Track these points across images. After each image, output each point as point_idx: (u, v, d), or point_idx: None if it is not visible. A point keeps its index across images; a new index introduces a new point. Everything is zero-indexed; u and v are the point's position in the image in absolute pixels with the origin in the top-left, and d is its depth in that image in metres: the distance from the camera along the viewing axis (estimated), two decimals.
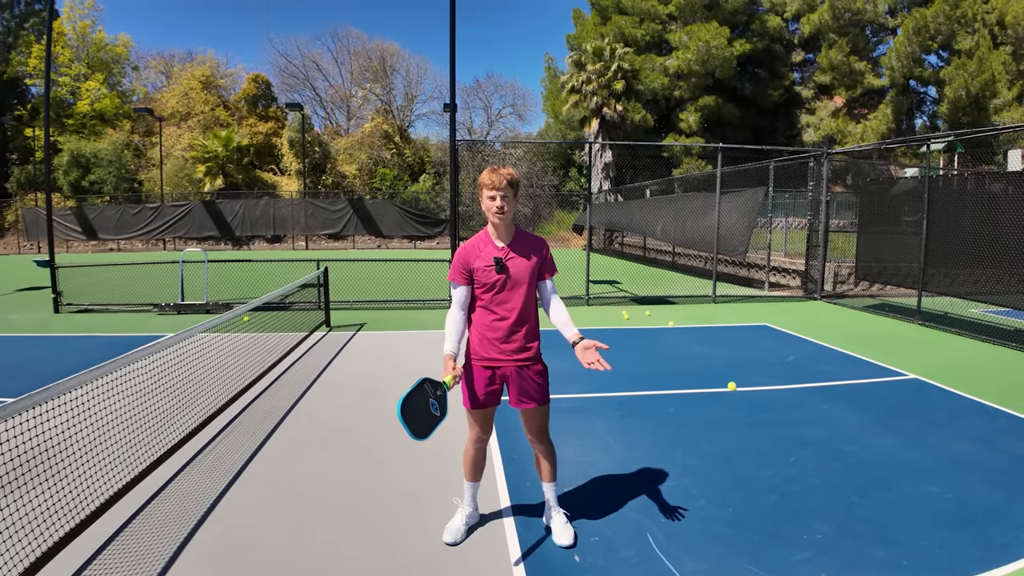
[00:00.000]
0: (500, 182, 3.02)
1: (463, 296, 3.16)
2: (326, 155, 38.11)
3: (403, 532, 3.39)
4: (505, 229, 3.12)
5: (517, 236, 3.18)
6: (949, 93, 30.08)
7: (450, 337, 3.10)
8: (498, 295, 3.12)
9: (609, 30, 35.36)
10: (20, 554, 2.82)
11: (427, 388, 2.84)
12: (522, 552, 3.21)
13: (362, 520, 3.54)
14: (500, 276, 3.09)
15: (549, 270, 3.22)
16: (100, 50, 40.06)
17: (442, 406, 2.88)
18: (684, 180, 23.05)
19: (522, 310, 3.13)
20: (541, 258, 3.18)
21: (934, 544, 3.25)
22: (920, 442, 4.71)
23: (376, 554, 3.20)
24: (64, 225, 31.90)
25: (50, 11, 11.47)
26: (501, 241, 3.14)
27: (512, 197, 3.07)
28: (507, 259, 3.10)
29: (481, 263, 3.10)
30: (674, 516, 3.57)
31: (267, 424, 5.11)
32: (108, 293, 12.33)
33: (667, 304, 12.24)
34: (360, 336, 8.86)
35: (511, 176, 3.07)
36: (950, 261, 9.43)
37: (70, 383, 3.01)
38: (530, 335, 3.18)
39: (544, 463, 3.32)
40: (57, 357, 7.62)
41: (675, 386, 6.22)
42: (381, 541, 3.32)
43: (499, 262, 3.08)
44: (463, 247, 3.19)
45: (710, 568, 3.06)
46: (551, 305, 3.22)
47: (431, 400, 2.84)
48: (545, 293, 3.24)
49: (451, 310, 3.18)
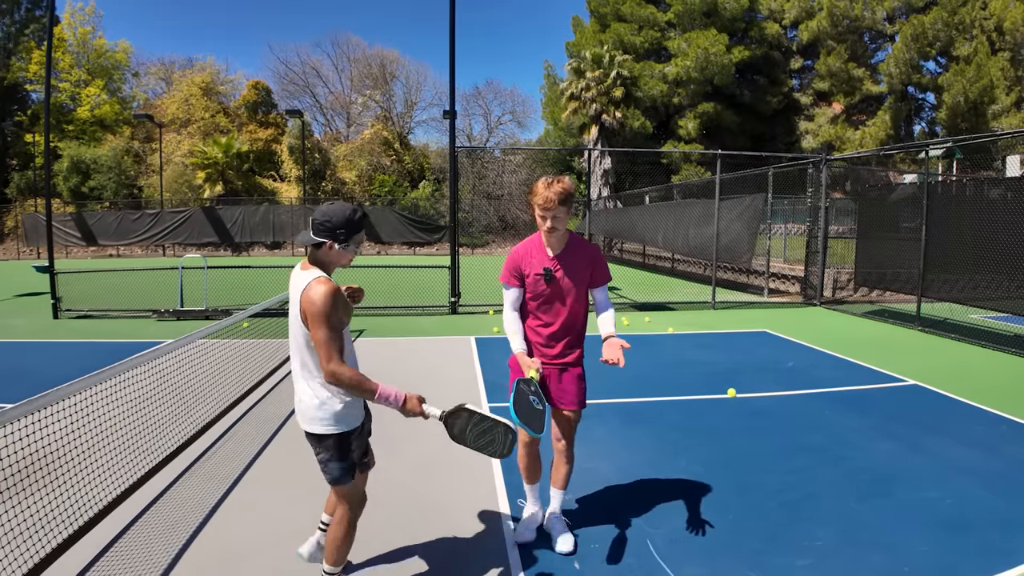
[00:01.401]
0: (551, 202, 2.94)
1: (515, 297, 3.18)
2: (326, 162, 38.17)
3: (403, 538, 3.38)
4: (557, 240, 3.11)
5: (569, 245, 3.15)
6: (947, 99, 30.18)
7: (515, 335, 3.13)
8: (544, 304, 3.15)
9: (608, 37, 35.49)
10: (18, 560, 2.81)
11: (523, 388, 2.89)
12: (522, 559, 3.20)
13: (361, 526, 3.52)
14: (548, 287, 3.11)
15: (601, 279, 3.22)
16: (100, 56, 40.15)
17: (541, 399, 2.92)
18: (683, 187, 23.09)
19: (568, 318, 3.17)
20: (592, 268, 3.18)
21: (934, 550, 3.24)
22: (920, 448, 4.71)
23: (376, 561, 3.18)
24: (64, 231, 31.88)
25: (51, 17, 11.52)
26: (552, 251, 3.13)
27: (564, 215, 3.01)
28: (556, 271, 3.10)
29: (531, 271, 3.11)
30: (674, 522, 3.56)
31: (266, 430, 5.10)
32: (107, 299, 12.31)
33: (666, 310, 12.25)
34: (360, 342, 8.86)
35: (563, 193, 2.96)
36: (949, 267, 9.44)
37: (69, 389, 3.01)
38: (574, 342, 3.22)
39: (562, 468, 3.30)
40: (56, 363, 7.61)
41: (675, 392, 6.22)
42: (381, 548, 3.30)
43: (548, 273, 3.09)
44: (516, 251, 3.20)
45: (711, 575, 3.05)
46: (601, 313, 3.23)
47: (531, 397, 2.89)
48: (597, 301, 3.26)
49: (506, 311, 3.20)
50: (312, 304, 2.43)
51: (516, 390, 2.85)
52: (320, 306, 2.42)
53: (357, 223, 2.59)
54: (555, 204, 2.95)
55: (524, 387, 2.88)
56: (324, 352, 2.43)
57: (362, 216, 2.64)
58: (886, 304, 12.53)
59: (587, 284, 3.20)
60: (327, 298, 2.42)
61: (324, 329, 2.42)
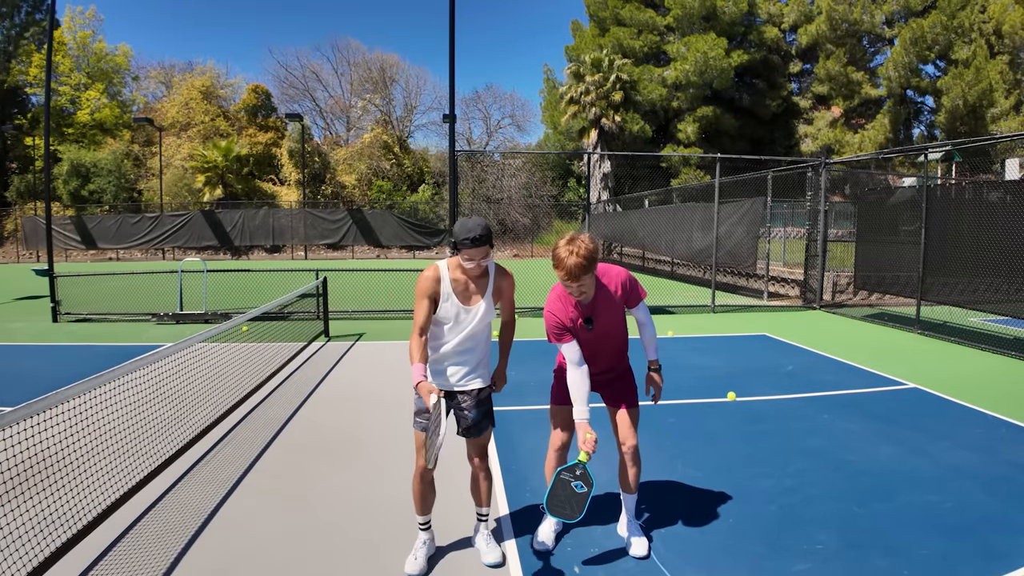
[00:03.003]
0: (577, 272, 2.85)
1: (576, 352, 3.08)
2: (325, 165, 38.20)
3: (403, 544, 3.36)
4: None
5: (598, 288, 3.10)
6: (946, 103, 30.25)
7: (579, 401, 3.02)
8: (590, 346, 3.18)
9: (607, 41, 35.56)
10: (16, 565, 2.80)
11: (564, 477, 2.89)
12: (521, 563, 3.19)
13: (361, 532, 3.52)
14: (591, 333, 3.14)
15: (635, 299, 3.21)
16: (100, 60, 40.23)
17: (586, 480, 2.89)
18: (683, 190, 23.12)
19: (613, 349, 3.27)
20: (625, 295, 3.17)
21: (935, 553, 3.24)
22: (920, 451, 4.70)
23: (375, 567, 3.18)
24: (63, 234, 31.91)
25: (51, 21, 11.54)
26: (585, 298, 3.12)
27: (591, 280, 2.94)
28: (595, 316, 3.12)
29: (573, 323, 3.11)
30: (674, 527, 3.55)
31: (266, 434, 5.10)
32: (107, 302, 12.31)
33: (666, 314, 12.24)
34: (359, 346, 8.85)
35: (587, 259, 2.84)
36: (949, 270, 9.44)
37: (68, 392, 3.00)
38: (619, 358, 3.32)
39: (631, 470, 3.27)
40: (55, 366, 7.61)
41: (674, 396, 6.20)
42: (380, 553, 3.30)
43: (590, 321, 3.11)
44: (551, 311, 3.11)
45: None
46: (642, 328, 3.28)
47: (573, 483, 2.88)
48: (637, 319, 3.27)
49: (571, 373, 3.06)
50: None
51: (554, 484, 2.87)
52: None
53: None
54: (581, 275, 2.88)
55: (567, 476, 2.88)
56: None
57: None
58: (885, 307, 12.53)
59: (624, 306, 3.21)
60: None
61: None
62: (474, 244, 2.87)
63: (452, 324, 3.03)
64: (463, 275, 3.02)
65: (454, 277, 3.02)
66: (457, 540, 3.40)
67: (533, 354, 7.68)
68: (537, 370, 6.93)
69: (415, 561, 3.11)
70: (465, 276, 3.02)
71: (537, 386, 6.32)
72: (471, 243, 2.87)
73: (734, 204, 13.44)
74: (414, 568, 3.08)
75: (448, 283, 3.00)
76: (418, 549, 3.17)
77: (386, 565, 3.18)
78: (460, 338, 3.04)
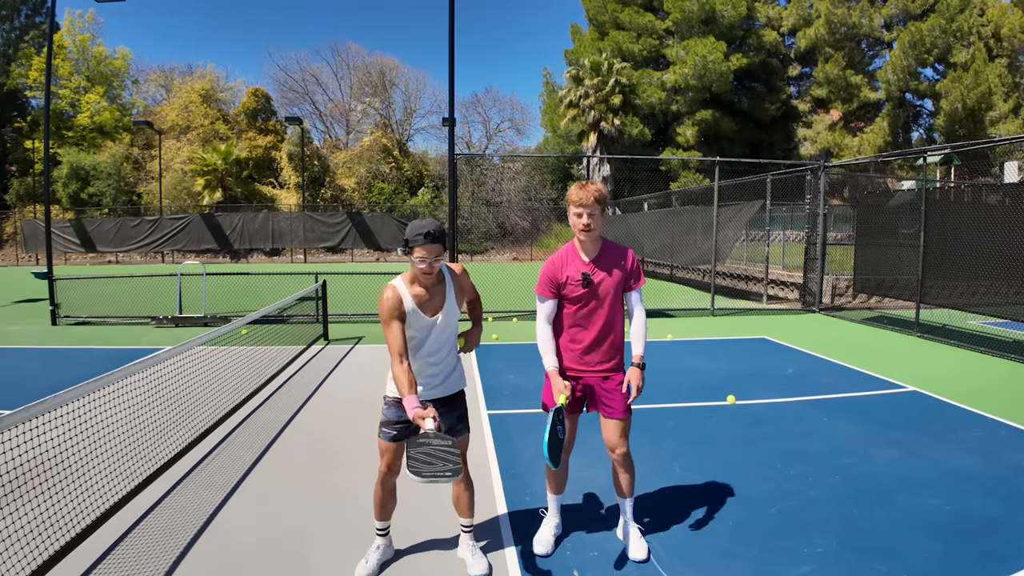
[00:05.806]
0: (588, 199, 3.00)
1: (550, 309, 3.19)
2: (325, 169, 38.23)
3: (402, 546, 3.36)
4: (591, 244, 3.13)
5: (603, 249, 3.17)
6: (945, 106, 30.32)
7: (548, 353, 3.16)
8: (583, 309, 3.15)
9: (607, 45, 35.66)
10: (14, 568, 2.79)
11: (556, 418, 2.92)
12: (521, 561, 3.19)
13: (360, 535, 3.51)
14: (586, 291, 3.12)
15: (635, 281, 3.23)
16: (100, 63, 40.30)
17: (564, 428, 2.96)
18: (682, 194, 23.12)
19: (606, 323, 3.17)
20: (626, 271, 3.18)
21: (934, 556, 3.23)
22: (920, 454, 4.70)
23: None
24: (63, 237, 31.92)
25: (51, 24, 11.55)
26: (587, 256, 3.14)
27: (599, 214, 3.05)
28: (593, 274, 3.11)
29: (568, 278, 3.12)
30: (674, 530, 3.55)
31: (264, 438, 5.09)
32: (106, 305, 12.31)
33: (665, 317, 12.24)
34: (358, 349, 8.85)
35: (598, 192, 3.04)
36: (948, 273, 9.45)
37: (67, 396, 3.00)
38: (613, 348, 3.22)
39: (624, 476, 3.27)
40: (54, 369, 7.60)
41: (674, 399, 6.20)
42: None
43: (586, 278, 3.10)
44: (550, 261, 3.21)
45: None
46: (633, 316, 3.24)
47: (559, 427, 2.92)
48: (630, 304, 3.26)
49: (539, 325, 3.22)
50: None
51: (552, 421, 2.87)
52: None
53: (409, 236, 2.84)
54: (591, 202, 3.00)
55: (556, 417, 2.90)
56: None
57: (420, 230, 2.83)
58: (885, 310, 12.54)
59: (623, 287, 3.20)
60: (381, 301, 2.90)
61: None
62: (428, 239, 2.77)
63: (420, 338, 2.98)
64: (421, 287, 2.94)
65: (413, 292, 2.93)
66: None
67: (533, 358, 7.66)
68: (537, 374, 6.91)
69: (365, 565, 3.11)
70: (423, 288, 2.95)
71: (537, 390, 6.29)
72: (425, 238, 2.77)
73: (732, 207, 13.46)
74: (363, 571, 3.08)
75: (409, 300, 2.91)
76: (371, 554, 3.16)
77: (386, 560, 3.17)
78: (429, 349, 3.00)
